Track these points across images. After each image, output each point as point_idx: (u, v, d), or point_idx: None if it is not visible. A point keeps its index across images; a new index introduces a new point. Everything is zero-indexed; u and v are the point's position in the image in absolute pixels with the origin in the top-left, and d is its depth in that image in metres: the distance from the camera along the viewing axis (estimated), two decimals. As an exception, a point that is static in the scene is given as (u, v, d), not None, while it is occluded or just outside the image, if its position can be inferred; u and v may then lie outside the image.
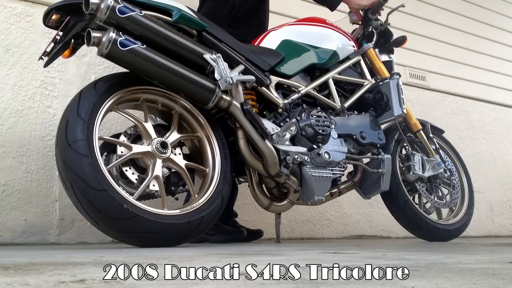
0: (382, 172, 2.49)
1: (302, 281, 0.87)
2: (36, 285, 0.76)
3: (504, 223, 4.63)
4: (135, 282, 0.81)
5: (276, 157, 2.12)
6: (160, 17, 1.95)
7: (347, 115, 2.49)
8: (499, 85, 5.00)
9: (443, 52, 4.58)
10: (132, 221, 1.72)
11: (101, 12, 1.77)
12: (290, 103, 2.31)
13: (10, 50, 2.46)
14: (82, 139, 1.72)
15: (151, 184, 1.92)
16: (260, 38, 2.51)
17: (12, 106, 2.41)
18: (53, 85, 2.55)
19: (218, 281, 0.85)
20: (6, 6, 2.50)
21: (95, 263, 1.10)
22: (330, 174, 2.30)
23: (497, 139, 4.82)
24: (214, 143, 2.09)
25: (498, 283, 0.89)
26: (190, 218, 1.87)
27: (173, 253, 1.50)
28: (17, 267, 1.01)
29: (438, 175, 2.79)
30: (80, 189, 1.68)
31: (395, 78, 2.66)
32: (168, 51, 1.92)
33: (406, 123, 2.79)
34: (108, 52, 1.78)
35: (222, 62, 2.02)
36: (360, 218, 3.64)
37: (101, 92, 1.85)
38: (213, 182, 2.02)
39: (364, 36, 2.78)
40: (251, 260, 1.26)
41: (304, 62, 2.44)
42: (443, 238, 2.80)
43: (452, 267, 1.15)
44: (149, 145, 1.92)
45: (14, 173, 2.36)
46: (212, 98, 1.99)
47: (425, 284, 0.87)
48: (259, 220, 3.09)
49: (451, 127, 4.32)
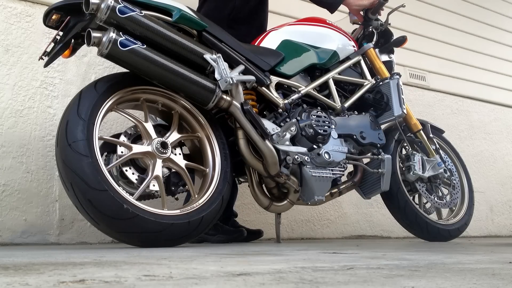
0: (382, 172, 2.49)
1: (302, 281, 0.87)
2: (36, 285, 0.76)
3: (504, 223, 4.63)
4: (135, 282, 0.81)
5: (276, 157, 2.12)
6: (160, 17, 1.95)
7: (347, 115, 2.49)
8: (499, 85, 5.00)
9: (443, 52, 4.58)
10: (132, 221, 1.72)
11: (101, 12, 1.77)
12: (290, 103, 2.31)
13: (10, 50, 2.46)
14: (82, 139, 1.72)
15: (151, 184, 1.92)
16: (260, 38, 2.51)
17: (12, 106, 2.41)
18: (53, 85, 2.55)
19: (218, 281, 0.85)
20: (6, 6, 2.50)
21: (95, 263, 1.10)
22: (330, 174, 2.30)
23: (497, 139, 4.82)
24: (214, 143, 2.09)
25: (498, 283, 0.89)
26: (190, 218, 1.87)
27: (173, 253, 1.50)
28: (17, 267, 1.01)
29: (438, 175, 2.79)
30: (80, 189, 1.68)
31: (395, 78, 2.66)
32: (168, 51, 1.92)
33: (406, 123, 2.79)
34: (108, 52, 1.78)
35: (222, 62, 2.02)
36: (360, 218, 3.64)
37: (101, 92, 1.85)
38: (213, 182, 2.02)
39: (364, 36, 2.79)
40: (251, 260, 1.26)
41: (304, 62, 2.44)
42: (443, 238, 2.80)
43: (452, 267, 1.15)
44: (149, 145, 1.92)
45: (14, 173, 2.36)
46: (212, 98, 1.99)
47: (425, 284, 0.87)
48: (259, 220, 3.09)
49: (451, 127, 4.32)
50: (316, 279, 0.90)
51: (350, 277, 0.94)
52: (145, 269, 0.99)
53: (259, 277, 0.90)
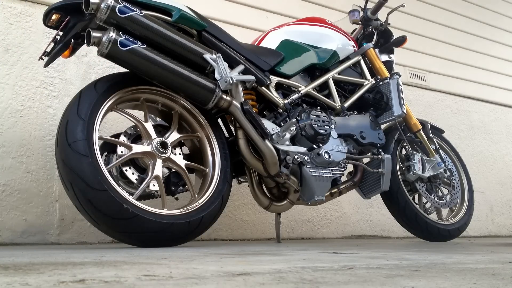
0: (382, 172, 2.49)
1: (302, 281, 0.87)
2: (36, 285, 0.76)
3: (504, 223, 4.63)
4: (135, 282, 0.81)
5: (276, 157, 2.12)
6: (160, 17, 1.95)
7: (347, 115, 2.49)
8: (499, 85, 5.00)
9: (443, 52, 4.58)
10: (132, 221, 1.72)
11: (101, 12, 1.77)
12: (290, 103, 2.31)
13: (10, 50, 2.46)
14: (82, 139, 1.72)
15: (151, 184, 1.92)
16: (260, 38, 2.51)
17: (12, 106, 2.41)
18: (53, 85, 2.55)
19: (218, 281, 0.85)
20: (6, 6, 2.50)
21: (95, 263, 1.10)
22: (330, 174, 2.30)
23: (497, 139, 4.82)
24: (214, 143, 2.09)
25: (498, 283, 0.89)
26: (190, 218, 1.87)
27: (173, 253, 1.50)
28: (17, 267, 1.01)
29: (438, 175, 2.79)
30: (80, 189, 1.68)
31: (395, 78, 2.66)
32: (168, 51, 1.92)
33: (406, 123, 2.79)
34: (108, 52, 1.78)
35: (222, 62, 2.02)
36: (360, 218, 3.64)
37: (101, 92, 1.85)
38: (213, 182, 2.02)
39: (364, 36, 2.79)
40: (251, 260, 1.26)
41: (304, 62, 2.44)
42: (443, 238, 2.80)
43: (452, 267, 1.15)
44: (149, 145, 1.92)
45: (14, 173, 2.35)
46: (212, 98, 1.99)
47: (425, 284, 0.87)
48: (259, 220, 3.09)
49: (451, 127, 4.32)
50: (316, 279, 0.90)
51: (350, 277, 0.94)
52: (145, 269, 0.99)
53: (259, 277, 0.90)
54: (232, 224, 2.98)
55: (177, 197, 2.11)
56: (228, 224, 2.96)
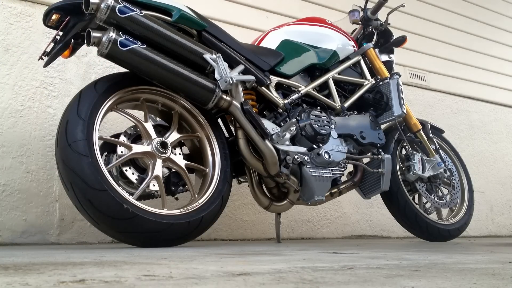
0: (382, 172, 2.49)
1: (302, 281, 0.87)
2: (36, 285, 0.76)
3: (504, 223, 4.63)
4: (135, 282, 0.81)
5: (276, 157, 2.12)
6: (160, 17, 1.95)
7: (347, 115, 2.49)
8: (499, 85, 5.00)
9: (443, 52, 4.58)
10: (132, 221, 1.72)
11: (101, 12, 1.77)
12: (290, 103, 2.31)
13: (10, 50, 2.46)
14: (82, 139, 1.72)
15: (151, 184, 1.92)
16: (260, 38, 2.51)
17: (12, 106, 2.41)
18: (53, 85, 2.55)
19: (218, 281, 0.85)
20: (6, 6, 2.50)
21: (95, 263, 1.10)
22: (330, 174, 2.30)
23: (497, 139, 4.82)
24: (214, 143, 2.09)
25: (498, 283, 0.89)
26: (190, 218, 1.87)
27: (173, 253, 1.50)
28: (17, 267, 1.01)
29: (438, 175, 2.79)
30: (80, 189, 1.68)
31: (395, 78, 2.66)
32: (168, 51, 1.92)
33: (406, 123, 2.79)
34: (108, 52, 1.78)
35: (222, 62, 2.02)
36: (360, 218, 3.64)
37: (101, 92, 1.85)
38: (213, 182, 2.02)
39: (364, 36, 2.79)
40: (251, 260, 1.26)
41: (304, 62, 2.44)
42: (443, 238, 2.80)
43: (452, 267, 1.15)
44: (149, 145, 1.92)
45: (14, 173, 2.35)
46: (212, 98, 1.99)
47: (425, 284, 0.87)
48: (259, 220, 3.09)
49: (451, 127, 4.32)
50: (316, 279, 0.90)
51: (350, 277, 0.94)
52: (145, 269, 0.99)
53: (259, 277, 0.90)
54: (232, 224, 2.98)
55: (177, 197, 2.11)
56: (228, 224, 2.96)
